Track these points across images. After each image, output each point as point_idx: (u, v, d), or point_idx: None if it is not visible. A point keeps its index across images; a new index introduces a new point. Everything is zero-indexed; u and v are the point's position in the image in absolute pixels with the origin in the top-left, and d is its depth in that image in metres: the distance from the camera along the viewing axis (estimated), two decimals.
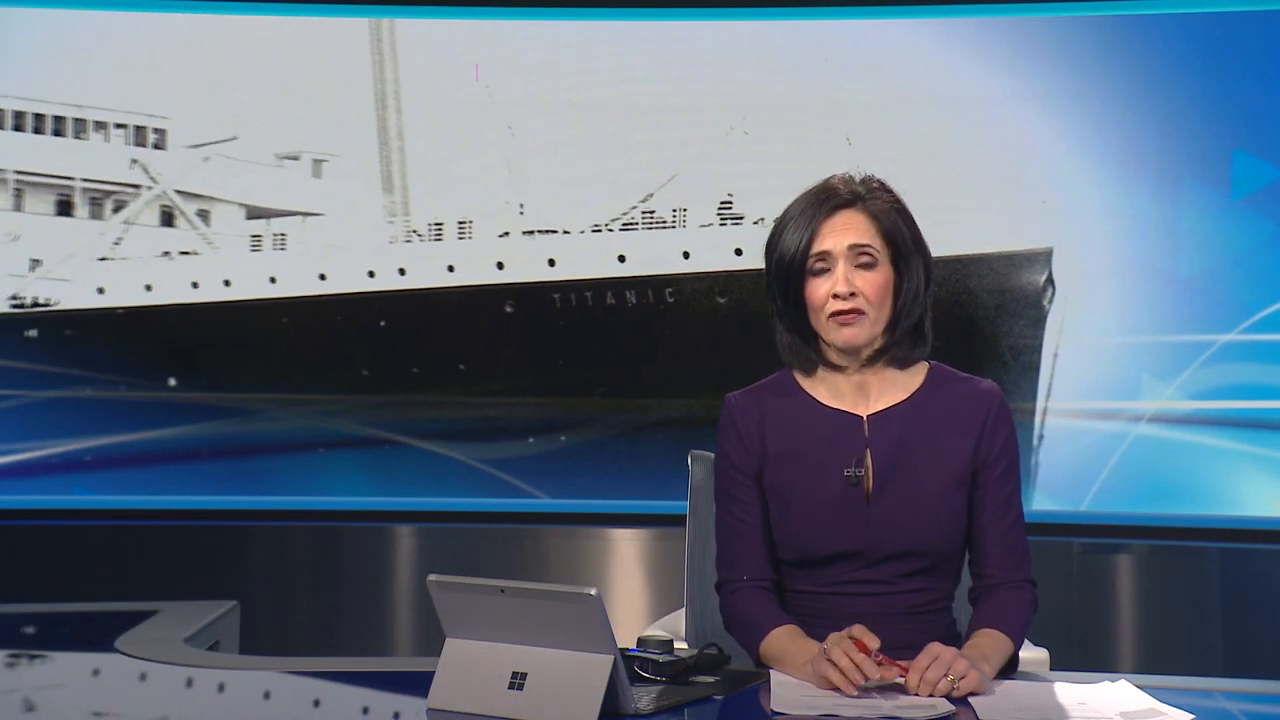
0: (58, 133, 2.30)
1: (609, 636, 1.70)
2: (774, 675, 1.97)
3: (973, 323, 3.14)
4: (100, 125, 2.27)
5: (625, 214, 3.11)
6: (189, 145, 2.33)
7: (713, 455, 2.27)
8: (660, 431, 3.09)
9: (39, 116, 2.23)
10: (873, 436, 2.11)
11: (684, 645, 2.28)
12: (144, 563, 4.45)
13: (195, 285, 2.45)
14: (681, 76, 3.79)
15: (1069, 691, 1.88)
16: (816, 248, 2.08)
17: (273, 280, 2.43)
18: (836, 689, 1.84)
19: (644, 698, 1.80)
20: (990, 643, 2.00)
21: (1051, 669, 2.27)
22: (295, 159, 2.36)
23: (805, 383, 2.18)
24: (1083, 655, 4.20)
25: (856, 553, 2.09)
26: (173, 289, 2.45)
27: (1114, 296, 4.39)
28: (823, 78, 4.51)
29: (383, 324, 2.52)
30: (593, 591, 1.69)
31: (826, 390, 2.16)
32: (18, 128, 2.22)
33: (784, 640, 2.03)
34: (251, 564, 4.59)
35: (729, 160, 2.75)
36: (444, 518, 4.58)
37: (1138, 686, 1.87)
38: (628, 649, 1.90)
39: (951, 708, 1.78)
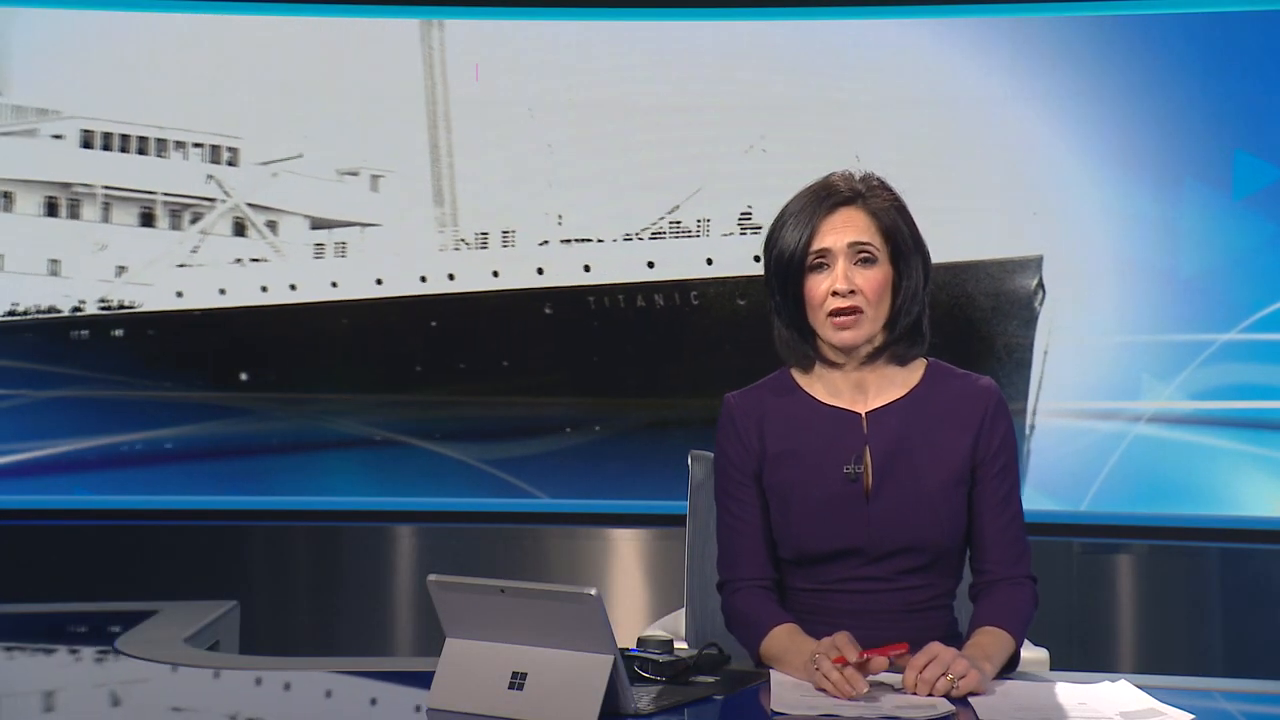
0: (141, 151, 2.53)
1: (609, 636, 1.70)
2: (774, 675, 1.97)
3: (970, 323, 3.37)
4: (179, 145, 2.51)
5: (654, 224, 3.35)
6: (259, 162, 2.57)
7: (712, 455, 2.28)
8: (684, 427, 3.21)
9: (125, 137, 2.47)
10: (871, 433, 2.11)
11: (684, 645, 2.28)
12: (144, 563, 4.45)
13: (264, 289, 2.68)
14: (709, 78, 3.99)
15: (1069, 691, 1.88)
16: (816, 245, 2.08)
17: (334, 284, 2.69)
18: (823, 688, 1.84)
19: (644, 698, 1.80)
20: (992, 641, 2.00)
21: (1051, 669, 2.27)
22: (355, 175, 2.60)
23: (803, 381, 2.18)
24: (1083, 655, 4.20)
25: (856, 550, 2.09)
26: (244, 293, 2.68)
27: (1114, 296, 4.39)
28: (823, 78, 4.51)
29: (434, 324, 2.75)
30: (593, 591, 1.69)
31: (824, 388, 2.16)
32: (106, 147, 2.44)
33: (784, 640, 2.03)
34: (251, 564, 4.59)
35: (749, 176, 2.94)
36: (444, 518, 4.58)
37: (1138, 686, 1.87)
38: (628, 649, 1.90)
39: (951, 708, 1.78)
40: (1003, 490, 2.12)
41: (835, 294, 2.07)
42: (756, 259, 2.86)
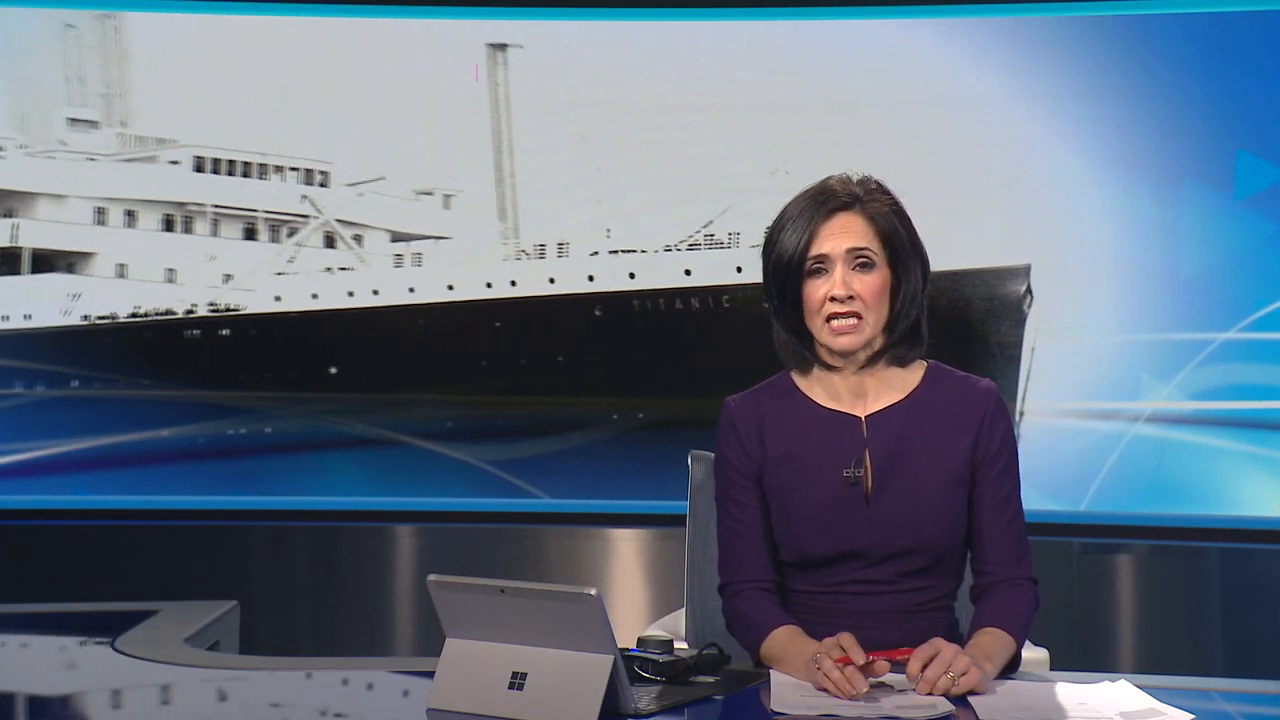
0: (245, 175, 2.91)
1: (609, 636, 1.70)
2: (774, 675, 1.97)
3: (968, 324, 3.70)
4: (278, 168, 2.91)
5: (690, 237, 3.69)
6: (346, 184, 2.96)
7: (713, 455, 2.28)
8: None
9: (231, 162, 2.87)
10: (871, 437, 2.11)
11: (684, 645, 2.28)
12: (144, 563, 4.45)
13: (350, 294, 3.03)
14: (732, 79, 4.24)
15: (1069, 691, 1.88)
16: (814, 250, 2.07)
17: (411, 290, 3.04)
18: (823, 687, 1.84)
19: (644, 698, 1.80)
20: (992, 641, 2.00)
21: (1051, 669, 2.28)
22: (429, 194, 3.00)
23: (803, 384, 2.18)
24: (1083, 655, 4.20)
25: (857, 553, 2.09)
26: (333, 297, 3.03)
27: (1114, 296, 4.39)
28: (823, 78, 4.51)
29: (498, 325, 3.09)
30: (593, 591, 1.69)
31: (824, 391, 2.16)
32: (215, 171, 2.86)
33: (784, 640, 2.03)
34: (251, 564, 4.59)
35: (774, 194, 3.16)
36: (444, 518, 4.58)
37: (1138, 686, 1.87)
38: (628, 649, 1.90)
39: (951, 707, 1.78)
40: (1003, 492, 2.12)
41: (834, 299, 2.06)
42: None
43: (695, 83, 4.37)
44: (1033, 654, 2.30)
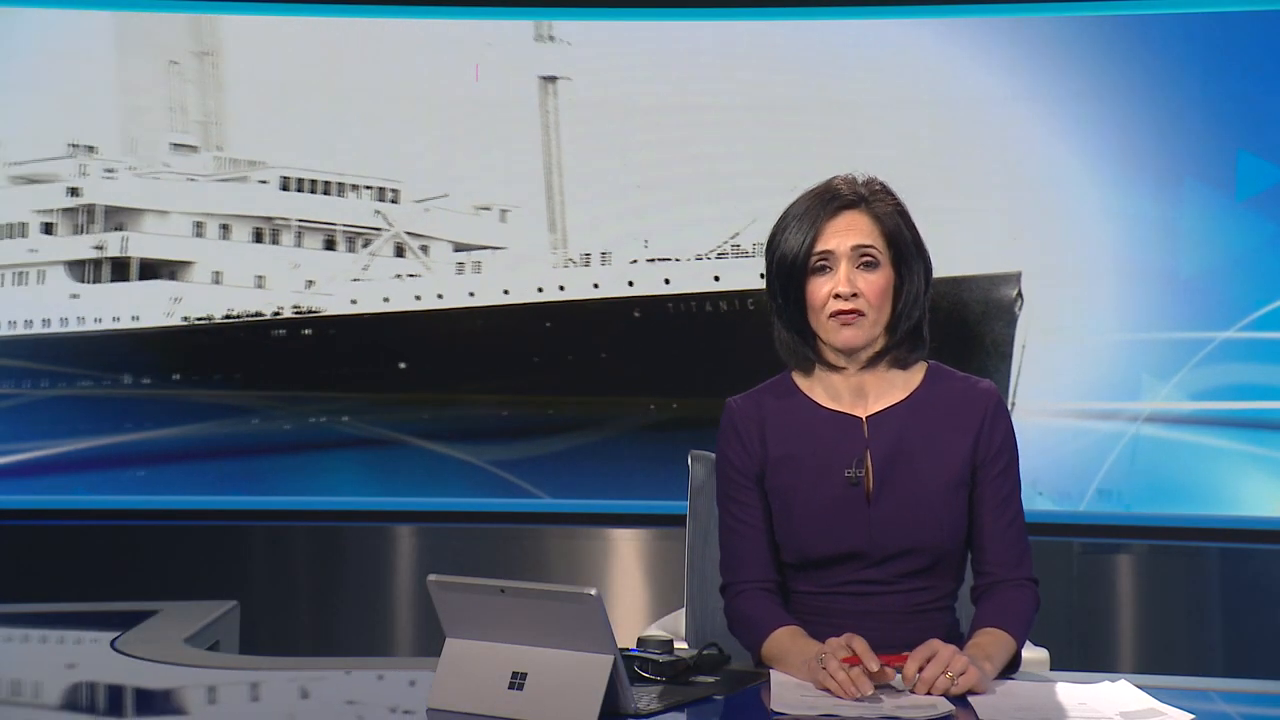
0: (325, 193, 3.30)
1: (609, 636, 1.70)
2: (774, 675, 1.97)
3: (965, 324, 3.95)
4: (354, 187, 3.28)
5: (719, 247, 3.99)
6: (414, 200, 3.33)
7: (713, 455, 2.28)
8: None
9: (313, 181, 3.24)
10: (872, 437, 2.12)
11: (684, 645, 2.28)
12: (144, 563, 4.45)
13: (418, 298, 3.36)
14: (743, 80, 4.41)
15: (1069, 691, 1.88)
16: (820, 247, 2.08)
17: (471, 294, 3.37)
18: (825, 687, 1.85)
19: (644, 698, 1.80)
20: (992, 641, 2.01)
21: (1051, 669, 2.28)
22: (488, 209, 3.35)
23: (804, 385, 2.18)
24: (1083, 655, 4.20)
25: (858, 554, 2.09)
26: (402, 301, 3.37)
27: (1115, 297, 4.39)
28: (823, 78, 4.52)
29: (547, 325, 3.40)
30: (593, 591, 1.69)
31: (825, 392, 2.16)
32: (299, 190, 3.23)
33: (785, 641, 2.03)
34: (251, 564, 4.59)
35: None
36: (444, 518, 4.59)
37: (1138, 686, 1.87)
38: (628, 649, 1.90)
39: (951, 707, 1.78)
40: (1003, 492, 2.12)
41: (837, 297, 2.07)
42: None
43: (727, 89, 4.40)
44: (1033, 654, 2.30)
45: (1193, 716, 1.75)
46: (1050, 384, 4.40)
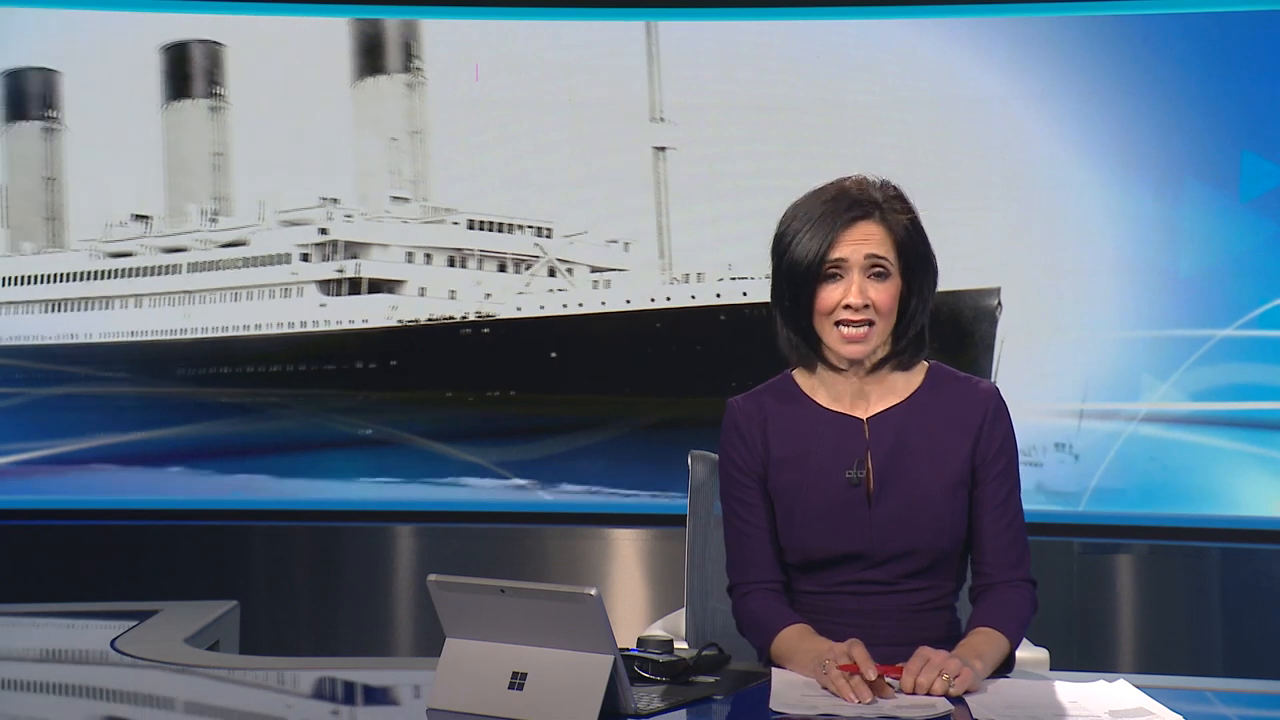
0: (499, 230, 4.23)
1: (609, 636, 1.70)
2: (775, 674, 1.97)
3: (959, 324, 4.37)
4: (519, 226, 4.22)
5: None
6: (563, 235, 4.23)
7: (714, 455, 2.27)
8: None
9: (490, 222, 4.18)
10: (873, 438, 2.12)
11: (684, 645, 2.28)
12: (144, 563, 4.45)
13: (564, 306, 4.25)
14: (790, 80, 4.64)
15: (1062, 690, 1.88)
16: (834, 255, 2.07)
17: (602, 303, 4.26)
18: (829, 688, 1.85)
19: (644, 698, 1.80)
20: (984, 641, 2.01)
21: (1051, 669, 2.28)
22: (615, 241, 4.22)
23: (805, 385, 2.18)
24: (1083, 655, 4.20)
25: (859, 554, 2.09)
26: (553, 308, 4.28)
27: (1116, 297, 4.39)
28: (823, 78, 4.52)
29: (658, 325, 4.24)
30: (593, 591, 1.69)
31: (826, 393, 2.16)
32: (480, 228, 4.17)
33: (794, 640, 2.03)
34: (251, 564, 4.59)
35: None
36: (444, 518, 4.59)
37: (1137, 687, 1.87)
38: (628, 649, 1.90)
39: (950, 707, 1.79)
40: (1003, 493, 2.12)
41: (848, 306, 2.06)
42: None
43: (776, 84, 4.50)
44: (1033, 654, 2.30)
45: (1180, 718, 1.74)
46: (1050, 384, 4.40)
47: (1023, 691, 1.88)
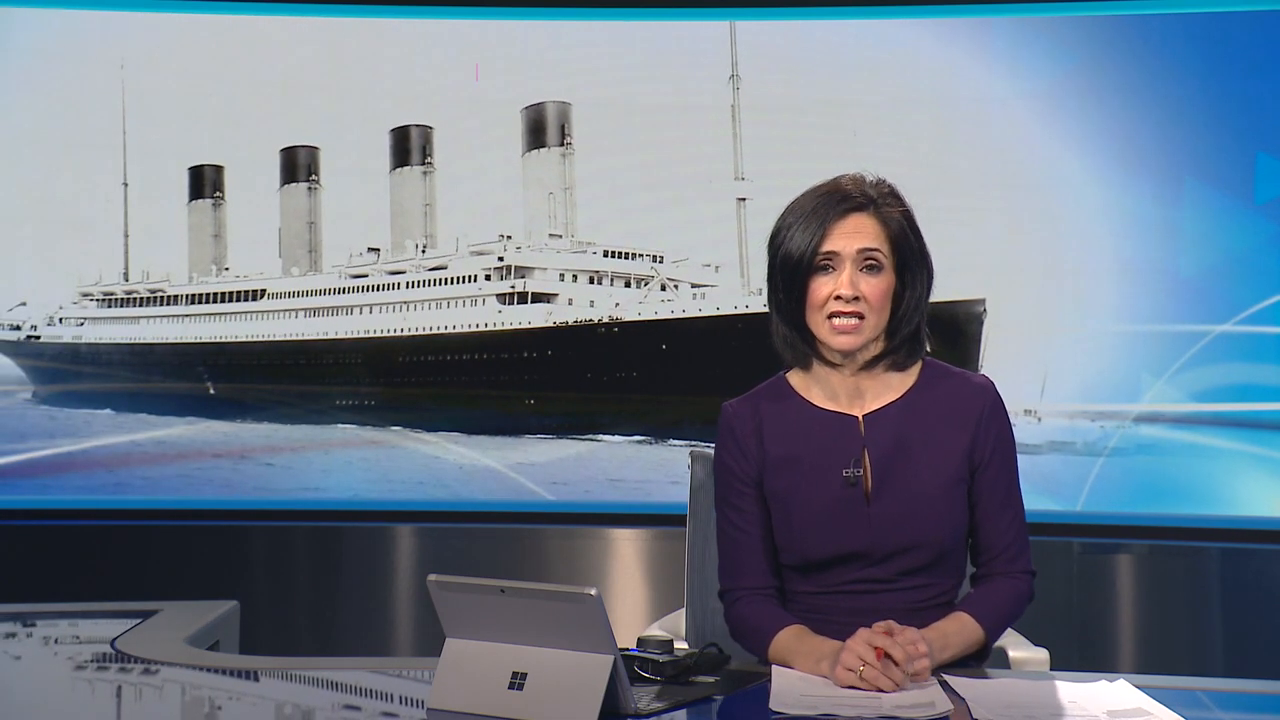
0: (624, 257, 5.18)
1: (609, 636, 1.70)
2: (775, 673, 1.97)
3: (955, 324, 4.60)
4: (639, 254, 5.15)
5: None
6: (671, 260, 5.11)
7: (713, 454, 2.27)
8: None
9: (619, 251, 5.17)
10: (869, 436, 2.12)
11: (684, 645, 2.28)
12: (144, 563, 4.45)
13: (671, 312, 5.15)
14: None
15: (1062, 690, 1.88)
16: (826, 247, 2.07)
17: (700, 310, 5.11)
18: (855, 686, 1.85)
19: (644, 698, 1.80)
20: (956, 629, 2.04)
21: (1051, 669, 2.27)
22: (709, 265, 5.07)
23: (800, 385, 2.18)
24: (1083, 655, 4.20)
25: (859, 553, 2.09)
26: (664, 314, 5.19)
27: (1115, 297, 4.39)
28: (823, 78, 4.52)
29: (739, 326, 4.98)
30: (593, 591, 1.69)
31: (821, 392, 2.16)
32: (612, 256, 5.18)
33: (793, 640, 2.02)
34: (251, 564, 4.59)
35: None
36: (444, 518, 4.59)
37: (1137, 687, 1.87)
38: (628, 649, 1.90)
39: (950, 706, 1.79)
40: (1001, 486, 2.13)
41: (839, 298, 2.07)
42: None
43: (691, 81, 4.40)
44: (1033, 654, 2.30)
45: (1180, 718, 1.74)
46: (1050, 383, 4.40)
47: (1022, 691, 1.88)
